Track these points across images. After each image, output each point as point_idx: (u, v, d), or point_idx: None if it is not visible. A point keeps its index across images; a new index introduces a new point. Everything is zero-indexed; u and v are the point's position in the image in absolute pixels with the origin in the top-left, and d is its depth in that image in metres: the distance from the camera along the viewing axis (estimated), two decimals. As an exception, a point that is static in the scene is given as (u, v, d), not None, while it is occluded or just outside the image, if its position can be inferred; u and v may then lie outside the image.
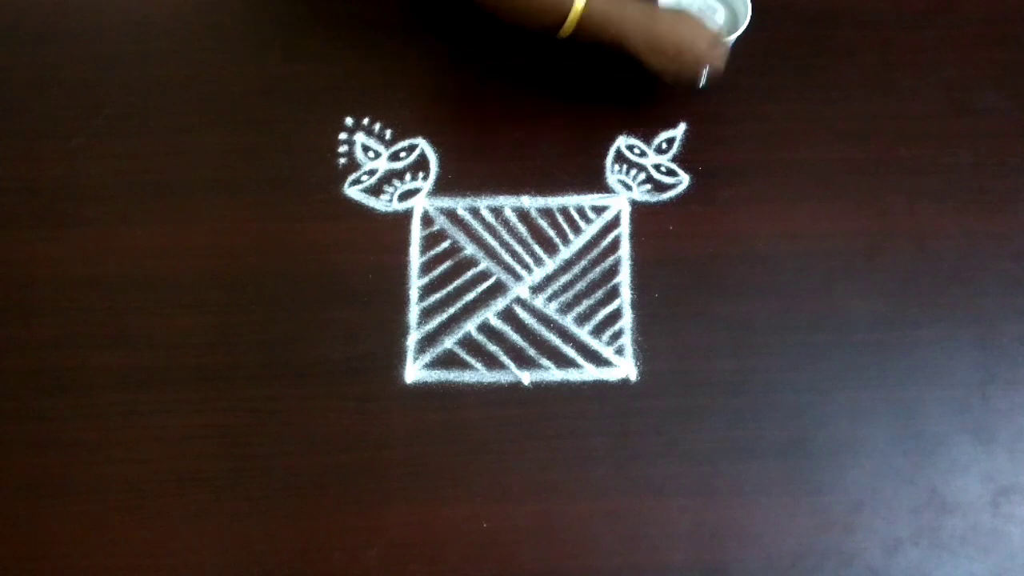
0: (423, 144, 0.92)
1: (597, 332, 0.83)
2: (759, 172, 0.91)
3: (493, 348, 0.83)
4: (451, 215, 0.88)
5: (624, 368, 0.82)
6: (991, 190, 0.89)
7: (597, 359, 0.82)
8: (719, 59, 0.86)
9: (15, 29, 0.97)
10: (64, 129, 0.93)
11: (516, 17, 0.81)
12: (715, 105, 0.91)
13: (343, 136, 0.92)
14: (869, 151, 0.91)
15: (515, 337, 0.83)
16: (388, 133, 0.92)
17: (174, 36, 0.97)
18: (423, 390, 0.81)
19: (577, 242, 0.87)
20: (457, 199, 0.89)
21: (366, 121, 0.93)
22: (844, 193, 0.89)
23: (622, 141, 0.92)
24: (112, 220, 0.88)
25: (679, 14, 0.86)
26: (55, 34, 0.97)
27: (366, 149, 0.92)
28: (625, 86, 0.93)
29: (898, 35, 0.96)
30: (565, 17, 0.79)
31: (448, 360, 0.82)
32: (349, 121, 0.93)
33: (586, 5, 0.79)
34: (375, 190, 0.90)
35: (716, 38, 0.85)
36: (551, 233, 0.87)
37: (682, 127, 0.92)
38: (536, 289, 0.85)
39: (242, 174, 0.91)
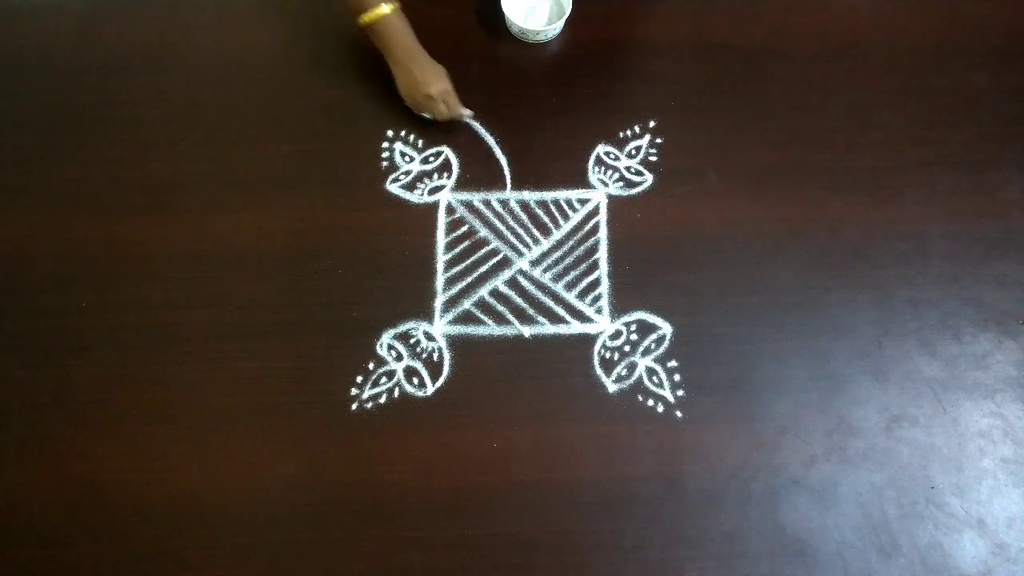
0: (447, 151, 0.98)
1: (581, 296, 0.89)
2: (707, 172, 0.97)
3: (501, 308, 0.88)
4: (469, 206, 0.93)
5: (602, 323, 0.89)
6: (886, 186, 0.96)
7: (581, 316, 0.89)
8: (439, 112, 0.93)
9: (135, 62, 1.05)
10: (171, 138, 1.00)
11: None
12: (672, 121, 0.98)
13: (385, 144, 0.99)
14: (792, 156, 0.98)
15: (518, 300, 0.89)
16: (420, 142, 0.99)
17: (254, 67, 1.05)
18: (446, 341, 0.88)
19: (565, 227, 0.92)
20: (473, 193, 0.95)
21: (403, 133, 0.99)
22: (774, 189, 0.96)
23: (601, 148, 0.98)
24: (206, 209, 0.96)
25: (438, 69, 0.93)
26: (164, 65, 1.05)
27: (403, 155, 0.98)
28: (605, 104, 1.01)
29: (813, 67, 1.04)
30: (363, 12, 0.88)
31: (466, 318, 0.88)
32: (389, 133, 0.99)
33: (378, 20, 0.88)
34: (410, 186, 0.96)
35: (445, 94, 0.92)
36: (546, 220, 0.92)
37: (647, 138, 0.99)
38: (535, 263, 0.90)
39: (306, 174, 0.97)
